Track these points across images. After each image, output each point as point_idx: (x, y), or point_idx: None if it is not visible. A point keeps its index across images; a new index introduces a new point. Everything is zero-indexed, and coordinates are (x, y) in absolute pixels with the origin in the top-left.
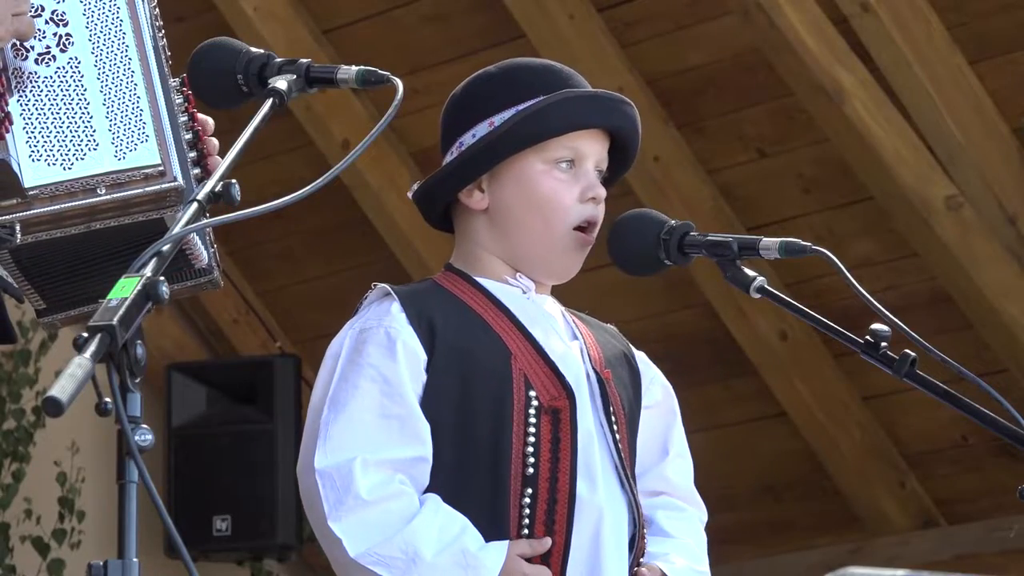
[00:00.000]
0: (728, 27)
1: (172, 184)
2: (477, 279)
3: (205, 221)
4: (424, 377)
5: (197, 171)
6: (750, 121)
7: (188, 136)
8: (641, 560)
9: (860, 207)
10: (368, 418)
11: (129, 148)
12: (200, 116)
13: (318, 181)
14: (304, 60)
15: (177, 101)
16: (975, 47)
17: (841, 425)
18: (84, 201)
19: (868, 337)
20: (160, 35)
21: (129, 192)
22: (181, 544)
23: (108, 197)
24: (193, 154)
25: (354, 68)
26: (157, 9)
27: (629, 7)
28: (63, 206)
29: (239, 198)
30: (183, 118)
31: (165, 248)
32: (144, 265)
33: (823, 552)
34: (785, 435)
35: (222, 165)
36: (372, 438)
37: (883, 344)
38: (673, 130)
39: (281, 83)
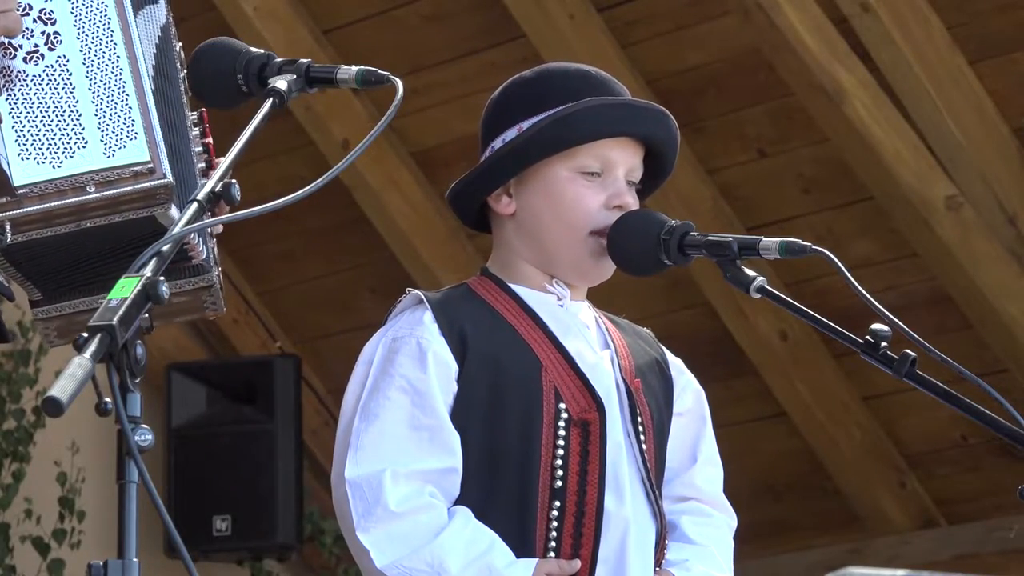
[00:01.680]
0: (728, 27)
1: (161, 181)
2: (512, 286)
3: (205, 221)
4: (455, 388)
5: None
6: (750, 121)
7: (201, 165)
8: (657, 569)
9: (860, 207)
10: (399, 429)
11: (118, 145)
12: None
13: (318, 181)
14: (304, 60)
15: (194, 133)
16: (975, 47)
17: (841, 425)
18: (74, 199)
19: (868, 337)
20: (183, 69)
21: (119, 190)
22: (181, 544)
23: (98, 195)
24: (203, 181)
25: (354, 68)
26: (182, 53)
27: (629, 7)
28: (53, 204)
29: (239, 198)
30: (198, 148)
31: (165, 248)
32: (144, 265)
33: (823, 552)
34: (785, 435)
35: (222, 164)
36: (402, 449)
37: (883, 344)
38: None
39: (281, 83)
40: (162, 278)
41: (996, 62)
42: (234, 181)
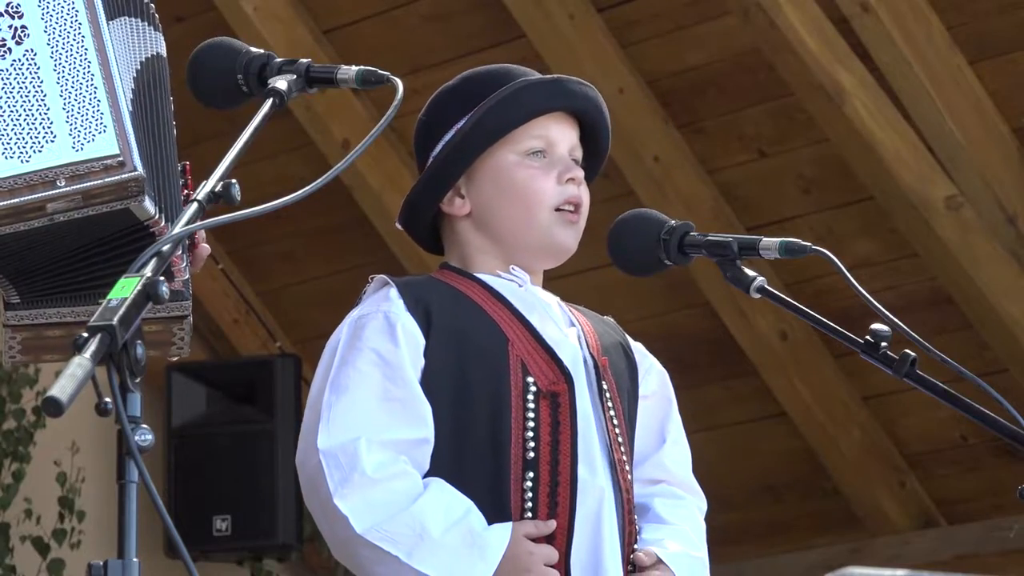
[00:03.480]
0: (728, 27)
1: (132, 174)
2: (474, 273)
3: (205, 221)
4: (422, 362)
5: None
6: (750, 121)
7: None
8: (635, 547)
9: (860, 207)
10: (370, 400)
11: (87, 139)
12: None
13: (318, 181)
14: (304, 60)
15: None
16: (975, 47)
17: (841, 425)
18: (44, 193)
19: (868, 337)
20: (170, 100)
21: (89, 183)
22: (181, 544)
23: (68, 189)
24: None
25: (354, 68)
26: (171, 95)
27: (629, 7)
28: (23, 199)
29: (239, 198)
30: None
31: (165, 248)
32: (144, 265)
33: (823, 552)
34: (785, 435)
35: (222, 164)
36: (375, 419)
37: (883, 344)
38: (673, 130)
39: (281, 83)
40: (162, 278)
41: (996, 62)
42: (234, 181)
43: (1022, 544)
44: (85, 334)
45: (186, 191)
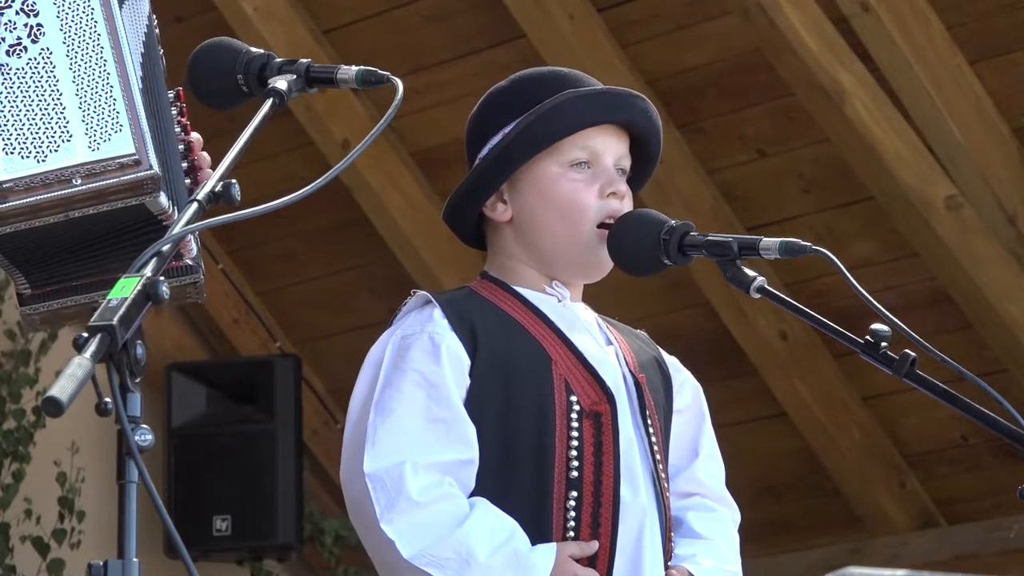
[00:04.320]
0: (728, 27)
1: (148, 172)
2: (514, 287)
3: (205, 221)
4: (468, 381)
5: (188, 182)
6: (750, 121)
7: (180, 147)
8: (668, 563)
9: (860, 207)
10: (415, 422)
11: (103, 138)
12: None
13: (318, 181)
14: (304, 60)
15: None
16: (975, 47)
17: (841, 425)
18: (60, 192)
19: (868, 337)
20: (159, 49)
21: (105, 182)
22: (181, 544)
23: (84, 187)
24: (184, 164)
25: (354, 68)
26: (157, 28)
27: (629, 7)
28: (39, 198)
29: (239, 198)
30: (175, 129)
31: (165, 248)
32: (144, 265)
33: (823, 552)
34: (785, 435)
35: (222, 164)
36: (420, 442)
37: (883, 344)
38: (673, 130)
39: (281, 83)
40: (162, 278)
41: (996, 62)
42: (234, 181)
43: (1022, 544)
44: (85, 334)
45: (181, 119)
